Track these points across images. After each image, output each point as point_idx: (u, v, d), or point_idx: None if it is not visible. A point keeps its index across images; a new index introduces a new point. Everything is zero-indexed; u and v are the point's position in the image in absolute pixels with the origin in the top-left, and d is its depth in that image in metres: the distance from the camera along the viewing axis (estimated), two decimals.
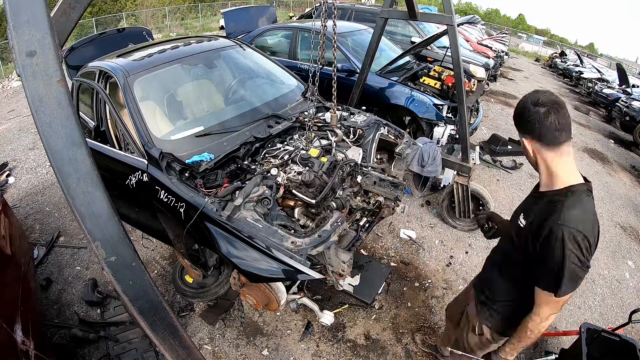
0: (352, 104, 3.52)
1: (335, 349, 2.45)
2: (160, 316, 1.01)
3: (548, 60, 18.57)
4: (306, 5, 24.82)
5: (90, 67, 2.83)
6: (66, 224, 3.50)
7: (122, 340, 2.40)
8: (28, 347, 1.68)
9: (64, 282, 2.89)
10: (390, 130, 2.92)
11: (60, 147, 0.85)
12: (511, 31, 30.20)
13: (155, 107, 2.54)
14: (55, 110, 0.84)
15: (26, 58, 0.82)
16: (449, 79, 4.03)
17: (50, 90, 0.84)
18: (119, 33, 4.00)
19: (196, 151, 2.25)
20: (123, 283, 0.95)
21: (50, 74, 0.84)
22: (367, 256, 3.10)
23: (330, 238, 1.80)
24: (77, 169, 0.87)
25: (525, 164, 5.23)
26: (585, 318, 2.94)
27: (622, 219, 4.48)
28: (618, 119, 8.06)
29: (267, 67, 3.36)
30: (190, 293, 2.60)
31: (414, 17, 3.06)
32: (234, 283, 2.18)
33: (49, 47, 0.84)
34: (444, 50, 5.29)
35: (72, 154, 0.86)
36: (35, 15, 0.82)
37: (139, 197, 2.34)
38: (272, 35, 5.47)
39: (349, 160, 2.34)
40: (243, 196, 1.89)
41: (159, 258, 3.12)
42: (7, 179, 4.19)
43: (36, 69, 0.83)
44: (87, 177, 0.88)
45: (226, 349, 2.42)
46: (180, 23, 21.23)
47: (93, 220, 0.90)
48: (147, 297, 0.99)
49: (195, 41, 3.16)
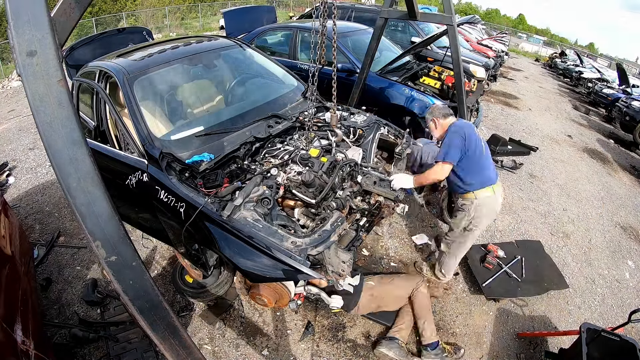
0: (352, 104, 3.52)
1: (335, 349, 2.45)
2: (160, 316, 1.01)
3: (548, 60, 18.56)
4: (306, 5, 24.81)
5: (90, 67, 2.83)
6: (66, 224, 3.50)
7: (122, 340, 2.40)
8: (28, 347, 1.68)
9: (64, 282, 2.89)
10: (390, 130, 2.92)
11: (60, 146, 0.85)
12: (511, 31, 30.20)
13: (155, 107, 2.54)
14: (55, 109, 0.84)
15: (27, 58, 0.82)
16: (449, 79, 4.03)
17: (50, 90, 0.84)
18: (119, 33, 4.00)
19: (196, 151, 2.25)
20: (123, 282, 0.95)
21: (50, 74, 0.84)
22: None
23: (330, 238, 1.80)
24: (78, 169, 0.87)
25: (525, 164, 5.23)
26: (585, 318, 2.94)
27: (622, 219, 4.48)
28: (618, 119, 8.06)
29: (267, 67, 3.36)
30: (190, 293, 2.59)
31: (414, 17, 3.07)
32: (240, 287, 2.18)
33: (49, 47, 0.84)
34: (444, 50, 5.29)
35: (73, 153, 0.86)
36: (35, 15, 0.82)
37: (139, 197, 2.34)
38: (272, 35, 5.48)
39: (349, 160, 2.34)
40: (243, 196, 1.89)
41: (159, 258, 3.12)
42: (7, 179, 4.19)
43: (37, 69, 0.83)
44: (88, 177, 0.88)
45: (226, 349, 2.42)
46: (180, 23, 21.22)
47: (93, 219, 0.90)
48: (147, 296, 0.99)
49: (196, 41, 3.16)
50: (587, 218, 4.33)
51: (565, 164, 5.74)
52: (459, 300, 2.91)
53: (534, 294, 2.91)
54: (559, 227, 4.02)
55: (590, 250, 3.77)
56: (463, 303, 2.88)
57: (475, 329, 2.69)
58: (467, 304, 2.88)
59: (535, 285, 2.95)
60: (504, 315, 2.83)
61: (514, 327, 2.75)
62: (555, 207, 4.41)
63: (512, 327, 2.75)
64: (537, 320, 2.84)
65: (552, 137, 6.83)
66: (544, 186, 4.86)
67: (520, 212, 4.17)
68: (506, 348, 2.60)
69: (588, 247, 3.80)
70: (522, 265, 3.10)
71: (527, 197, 4.52)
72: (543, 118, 8.04)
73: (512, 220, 3.99)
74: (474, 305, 2.88)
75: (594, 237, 3.98)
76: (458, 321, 2.73)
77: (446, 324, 2.70)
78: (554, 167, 5.52)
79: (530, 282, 2.97)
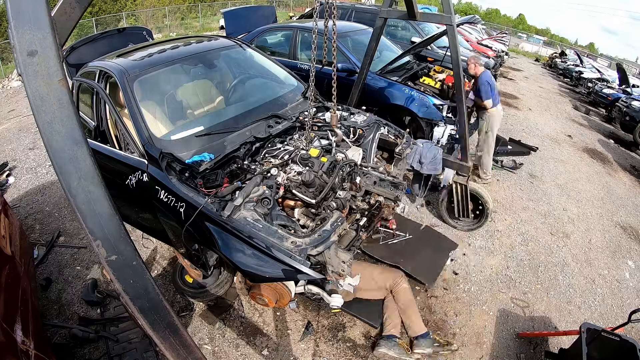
0: (352, 104, 3.52)
1: (335, 349, 2.46)
2: (160, 315, 1.01)
3: (548, 60, 18.56)
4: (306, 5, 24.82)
5: (90, 67, 2.83)
6: (66, 224, 3.50)
7: (122, 340, 2.40)
8: (28, 347, 1.68)
9: (64, 282, 2.89)
10: (390, 130, 2.92)
11: (61, 146, 0.85)
12: (511, 31, 30.20)
13: (155, 107, 2.54)
14: (56, 109, 0.84)
15: (27, 57, 0.82)
16: (449, 79, 4.03)
17: (51, 90, 0.84)
18: (119, 33, 4.00)
19: (196, 151, 2.25)
20: (124, 282, 0.95)
21: (51, 74, 0.84)
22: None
23: (330, 238, 1.80)
24: (78, 168, 0.87)
25: (526, 164, 5.24)
26: (585, 318, 2.94)
27: (622, 219, 4.48)
28: (618, 119, 8.06)
29: (267, 67, 3.36)
30: (190, 293, 2.60)
31: (413, 17, 3.06)
32: (241, 287, 2.18)
33: (50, 46, 0.84)
34: (444, 50, 5.29)
35: (73, 152, 0.86)
36: (36, 15, 0.82)
37: (139, 197, 2.34)
38: (272, 35, 5.48)
39: (349, 160, 2.34)
40: (243, 196, 1.89)
41: (159, 258, 3.12)
42: (7, 179, 4.19)
43: (37, 69, 0.83)
44: (88, 176, 0.88)
45: (226, 349, 2.42)
46: (180, 23, 21.23)
47: (94, 219, 0.90)
48: (147, 296, 0.99)
49: (196, 41, 3.16)
50: (587, 218, 4.33)
51: (565, 164, 5.74)
52: (459, 300, 2.91)
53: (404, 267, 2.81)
54: (559, 227, 4.02)
55: (590, 250, 3.77)
56: (463, 303, 2.89)
57: (475, 329, 2.69)
58: (467, 304, 2.89)
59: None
60: (504, 315, 2.83)
61: (514, 327, 2.75)
62: (555, 207, 4.41)
63: (512, 327, 2.75)
64: (537, 320, 2.85)
65: (552, 137, 6.83)
66: (544, 186, 4.86)
67: (520, 212, 4.18)
68: (506, 348, 2.60)
69: (588, 247, 3.80)
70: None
71: (527, 197, 4.52)
72: (543, 118, 8.04)
73: (512, 220, 3.99)
74: (474, 305, 2.88)
75: (594, 237, 3.98)
76: (458, 321, 2.73)
77: (446, 324, 2.70)
78: (554, 167, 5.52)
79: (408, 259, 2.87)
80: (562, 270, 3.25)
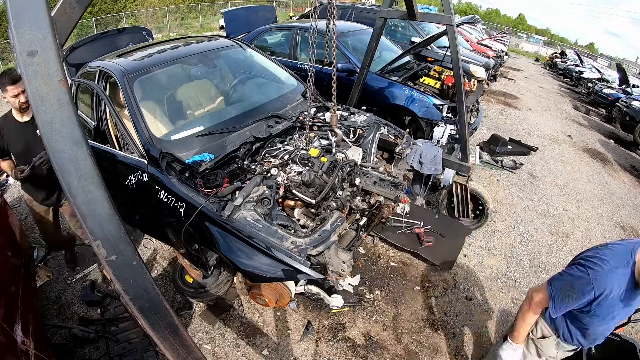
0: (352, 104, 3.52)
1: (335, 349, 2.46)
2: (160, 315, 1.01)
3: (548, 60, 18.57)
4: (306, 5, 24.83)
5: (90, 67, 2.83)
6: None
7: (122, 340, 2.40)
8: (28, 347, 1.68)
9: (64, 282, 2.89)
10: (390, 130, 2.92)
11: (61, 146, 0.85)
12: (511, 31, 30.22)
13: (155, 107, 2.54)
14: (56, 109, 0.84)
15: (27, 57, 0.82)
16: (449, 79, 4.03)
17: (51, 90, 0.84)
18: (119, 33, 4.00)
19: (196, 151, 2.25)
20: (124, 282, 0.95)
21: (51, 74, 0.84)
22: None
23: (330, 238, 1.80)
24: (78, 168, 0.87)
25: (526, 164, 5.24)
26: None
27: (622, 219, 4.48)
28: (618, 119, 8.06)
29: (267, 67, 3.36)
30: (190, 293, 2.59)
31: (413, 17, 3.06)
32: (241, 287, 2.18)
33: (50, 46, 0.84)
34: (444, 50, 5.29)
35: (73, 152, 0.86)
36: (36, 15, 0.82)
37: (139, 197, 2.34)
38: (272, 35, 5.47)
39: (349, 160, 2.34)
40: (243, 196, 1.89)
41: (159, 258, 3.12)
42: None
43: (37, 69, 0.83)
44: (88, 176, 0.88)
45: (226, 349, 2.42)
46: (180, 23, 21.25)
47: (94, 219, 0.90)
48: (147, 295, 0.99)
49: (195, 41, 3.16)
50: (587, 218, 4.33)
51: (565, 164, 5.74)
52: (459, 300, 2.91)
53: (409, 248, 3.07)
54: (559, 227, 4.02)
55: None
56: (463, 303, 2.89)
57: (475, 329, 2.69)
58: (467, 304, 2.88)
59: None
60: (504, 315, 2.83)
61: None
62: (555, 207, 4.41)
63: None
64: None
65: (552, 137, 6.83)
66: (544, 186, 4.86)
67: (520, 212, 4.18)
68: None
69: (588, 247, 3.80)
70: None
71: (527, 197, 4.52)
72: (543, 118, 8.04)
73: (512, 220, 3.99)
74: (474, 305, 2.88)
75: (594, 237, 3.98)
76: (458, 321, 2.73)
77: (446, 323, 2.70)
78: (554, 167, 5.52)
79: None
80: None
